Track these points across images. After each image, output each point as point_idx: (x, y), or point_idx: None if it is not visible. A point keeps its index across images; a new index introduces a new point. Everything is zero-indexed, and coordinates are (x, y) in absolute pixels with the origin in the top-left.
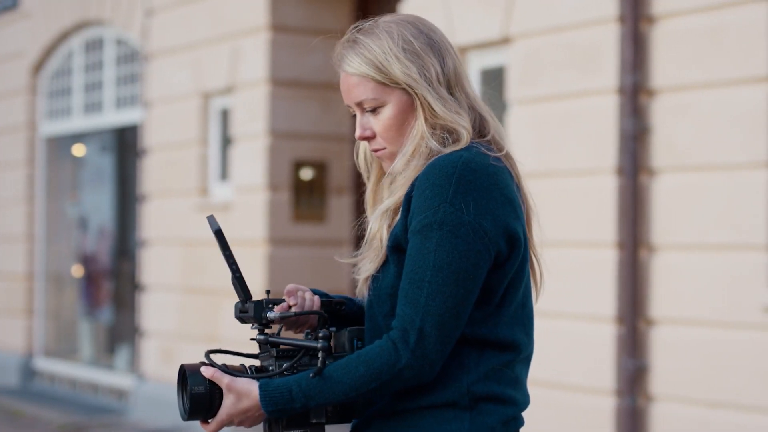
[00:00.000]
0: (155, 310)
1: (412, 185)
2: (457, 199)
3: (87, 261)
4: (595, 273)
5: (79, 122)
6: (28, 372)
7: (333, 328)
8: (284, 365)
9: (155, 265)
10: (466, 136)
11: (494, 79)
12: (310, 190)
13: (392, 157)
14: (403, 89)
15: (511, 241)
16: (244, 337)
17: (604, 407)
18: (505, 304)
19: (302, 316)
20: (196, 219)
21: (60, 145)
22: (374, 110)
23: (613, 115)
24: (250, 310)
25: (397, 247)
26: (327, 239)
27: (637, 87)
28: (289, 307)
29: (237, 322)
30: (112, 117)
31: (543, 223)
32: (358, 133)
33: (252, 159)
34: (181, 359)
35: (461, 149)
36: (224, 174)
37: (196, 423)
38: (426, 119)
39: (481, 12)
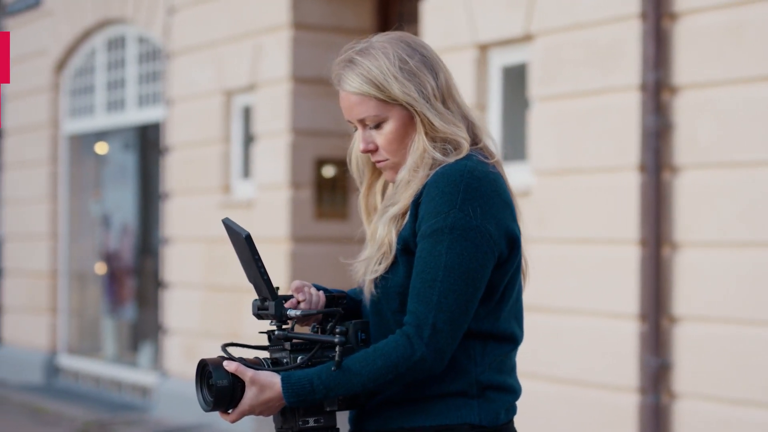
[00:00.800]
0: (178, 307)
1: (420, 192)
2: (465, 205)
3: (110, 258)
4: (618, 270)
5: (101, 120)
6: (52, 369)
7: (342, 325)
8: (299, 358)
9: (178, 263)
10: (465, 146)
11: (516, 76)
12: (332, 188)
13: (394, 167)
14: (402, 105)
15: (510, 243)
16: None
17: (627, 405)
18: (504, 300)
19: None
20: (219, 217)
21: (83, 143)
22: (376, 125)
23: (635, 113)
24: (270, 308)
25: (405, 249)
26: (349, 237)
27: (659, 84)
28: (298, 302)
29: (258, 319)
30: (135, 115)
31: (565, 220)
32: (361, 147)
33: (274, 157)
34: (204, 356)
35: (463, 158)
36: (247, 172)
37: (217, 420)
38: (426, 133)
39: (503, 9)
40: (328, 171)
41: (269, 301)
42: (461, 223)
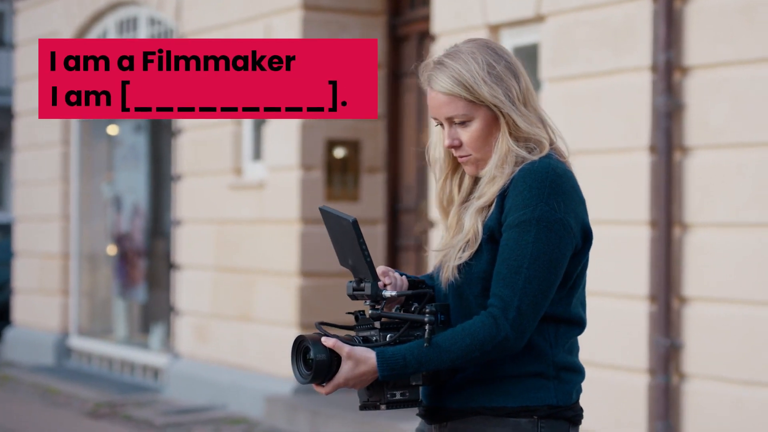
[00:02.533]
0: (189, 289)
1: (506, 186)
2: (551, 199)
3: (121, 240)
4: (629, 251)
5: None
6: (64, 350)
7: (416, 304)
8: (389, 336)
9: (189, 245)
10: (547, 145)
11: (527, 57)
12: (343, 170)
13: (476, 162)
14: (488, 107)
15: (585, 235)
16: (276, 315)
17: (638, 385)
18: (575, 286)
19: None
20: (230, 198)
21: (94, 124)
22: (462, 123)
23: (646, 93)
24: (366, 289)
25: (491, 237)
26: (360, 218)
27: (670, 64)
28: (384, 285)
29: (270, 300)
30: None
31: None
32: (447, 143)
33: (285, 138)
34: (215, 338)
35: (545, 157)
36: (258, 153)
37: (228, 401)
38: (510, 133)
39: None
40: (339, 152)
41: (365, 282)
42: (547, 216)
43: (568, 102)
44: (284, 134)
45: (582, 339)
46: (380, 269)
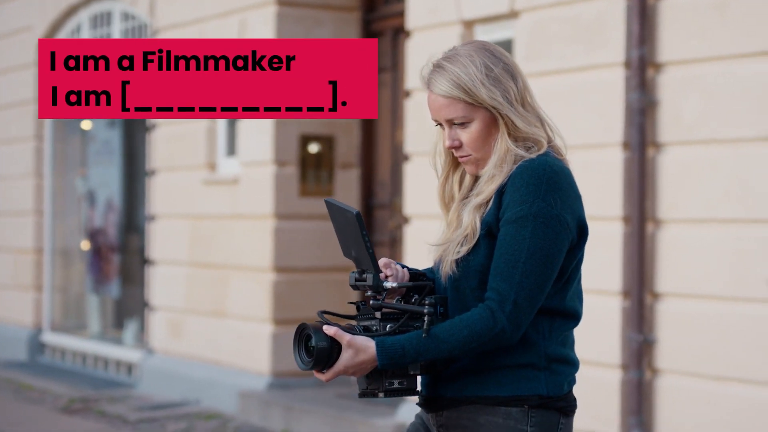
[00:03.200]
0: (163, 284)
1: (504, 183)
2: (548, 196)
3: (95, 235)
4: (602, 247)
5: None
6: (37, 346)
7: (416, 296)
8: (389, 326)
9: (163, 240)
10: (545, 144)
11: None
12: (317, 165)
13: (476, 162)
14: (487, 108)
15: (581, 231)
16: (250, 311)
17: (611, 381)
18: (570, 280)
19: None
20: (204, 194)
21: (68, 119)
22: (462, 124)
23: (619, 89)
24: (368, 280)
25: (488, 232)
26: None
27: (643, 61)
28: (386, 277)
29: (244, 295)
30: None
31: None
32: (447, 144)
33: (259, 134)
34: (189, 333)
35: (543, 154)
36: (232, 149)
37: (201, 396)
38: (509, 134)
39: None
40: (313, 148)
41: (367, 273)
42: (544, 212)
43: (542, 98)
44: (258, 130)
45: (574, 338)
46: (382, 261)
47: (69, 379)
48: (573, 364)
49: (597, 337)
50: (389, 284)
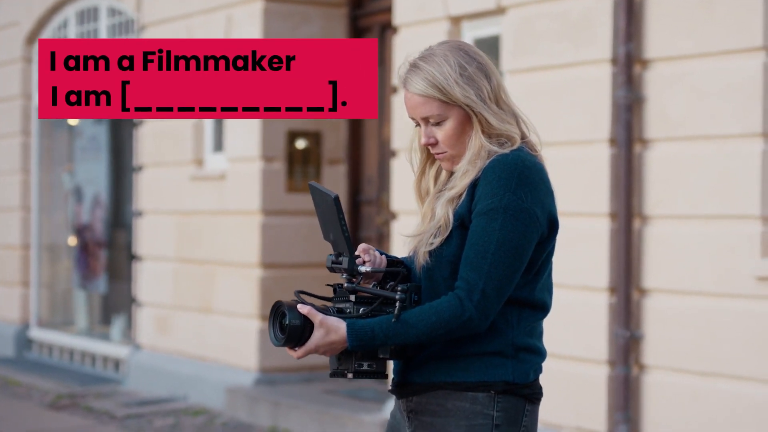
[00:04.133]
0: (150, 280)
1: (477, 176)
2: (518, 190)
3: (82, 231)
4: (589, 243)
5: None
6: (24, 342)
7: (392, 282)
8: (362, 309)
9: (150, 236)
10: (518, 140)
11: (488, 49)
12: (304, 161)
13: (451, 158)
14: (461, 107)
15: (551, 225)
16: (237, 307)
17: (598, 377)
18: (540, 273)
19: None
20: (191, 189)
21: None
22: (438, 123)
23: (606, 86)
24: (344, 263)
25: (461, 224)
26: None
27: (630, 57)
28: (364, 262)
29: (231, 291)
30: None
31: None
32: (423, 141)
33: (247, 130)
34: (176, 329)
35: (516, 149)
36: (219, 145)
37: (188, 392)
38: (483, 131)
39: None
40: (301, 144)
41: (343, 257)
42: (514, 205)
43: (529, 94)
44: (245, 126)
45: (543, 329)
46: (362, 246)
47: (56, 375)
48: (540, 354)
49: (584, 333)
50: (364, 268)
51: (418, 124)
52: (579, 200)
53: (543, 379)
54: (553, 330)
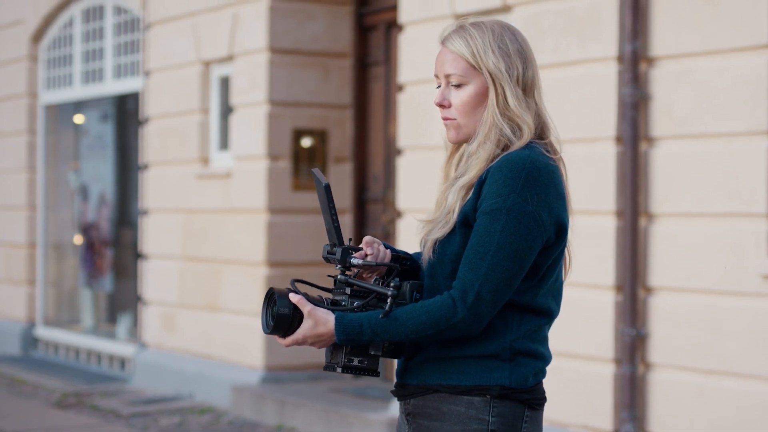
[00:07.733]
0: (156, 278)
1: (485, 172)
2: (524, 191)
3: (88, 230)
4: (594, 241)
5: (79, 91)
6: (30, 340)
7: (397, 279)
8: (355, 303)
9: (156, 234)
10: (527, 133)
11: None
12: (310, 159)
13: (457, 127)
14: (486, 76)
15: (559, 230)
16: (243, 305)
17: (604, 375)
18: (545, 278)
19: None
20: (197, 188)
21: (61, 113)
22: (457, 86)
23: (612, 83)
24: (337, 254)
25: (465, 222)
26: None
27: (636, 55)
28: (366, 255)
29: (237, 289)
30: (113, 85)
31: None
32: (437, 100)
33: (252, 128)
34: (182, 327)
35: (526, 148)
36: (225, 143)
37: (194, 390)
38: (498, 107)
39: None
40: (306, 142)
41: (337, 248)
42: (518, 207)
43: None
44: (251, 124)
45: (547, 334)
46: (366, 239)
47: (62, 374)
48: (542, 358)
49: (590, 332)
50: (355, 261)
51: (439, 86)
52: (585, 198)
53: (548, 378)
54: (559, 328)
